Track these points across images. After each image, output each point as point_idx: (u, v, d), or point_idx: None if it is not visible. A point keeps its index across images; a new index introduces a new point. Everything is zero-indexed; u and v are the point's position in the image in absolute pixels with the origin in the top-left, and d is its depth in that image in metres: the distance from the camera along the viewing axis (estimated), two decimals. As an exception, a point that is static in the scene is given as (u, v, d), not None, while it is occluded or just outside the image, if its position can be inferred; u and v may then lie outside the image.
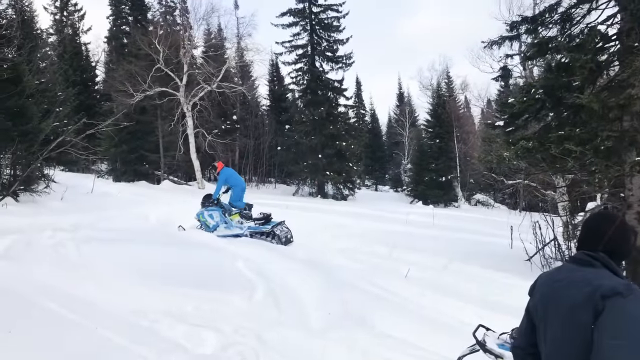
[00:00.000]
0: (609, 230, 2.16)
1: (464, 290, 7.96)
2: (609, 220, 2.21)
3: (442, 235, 15.61)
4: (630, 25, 9.86)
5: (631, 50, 9.36)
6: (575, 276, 2.11)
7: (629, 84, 9.34)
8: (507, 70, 16.71)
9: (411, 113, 50.69)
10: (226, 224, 11.51)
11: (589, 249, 2.17)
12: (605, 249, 2.14)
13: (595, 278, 2.02)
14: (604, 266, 2.09)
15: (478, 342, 4.18)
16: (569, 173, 12.22)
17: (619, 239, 2.16)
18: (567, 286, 2.09)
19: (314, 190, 32.20)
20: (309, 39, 32.20)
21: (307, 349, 4.84)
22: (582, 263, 2.15)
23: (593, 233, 2.20)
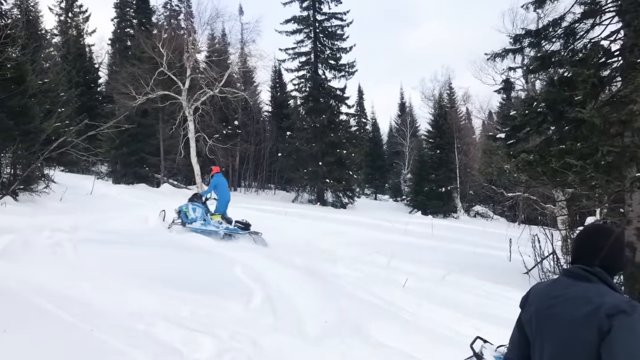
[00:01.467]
0: (605, 245, 2.11)
1: (461, 301, 7.94)
2: (605, 234, 2.17)
3: (441, 246, 15.59)
4: (633, 42, 9.90)
5: (634, 66, 9.40)
6: (573, 292, 2.08)
7: (631, 100, 9.36)
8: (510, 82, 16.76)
9: (412, 123, 50.77)
10: (204, 221, 11.89)
11: (585, 263, 2.13)
12: (602, 263, 2.10)
13: (595, 295, 2.00)
14: (601, 281, 2.06)
15: (475, 354, 4.16)
16: (569, 187, 12.21)
17: (615, 254, 2.12)
18: (565, 302, 2.06)
19: (313, 198, 32.19)
20: (312, 46, 32.30)
21: (302, 356, 4.82)
22: (579, 278, 2.11)
23: (589, 247, 2.15)
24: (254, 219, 14.77)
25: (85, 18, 38.95)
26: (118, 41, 36.85)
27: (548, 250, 11.35)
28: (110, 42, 38.20)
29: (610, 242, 2.12)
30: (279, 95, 40.04)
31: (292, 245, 11.51)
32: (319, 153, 30.71)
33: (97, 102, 33.02)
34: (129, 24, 36.04)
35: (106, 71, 38.03)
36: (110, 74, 35.36)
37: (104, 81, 36.85)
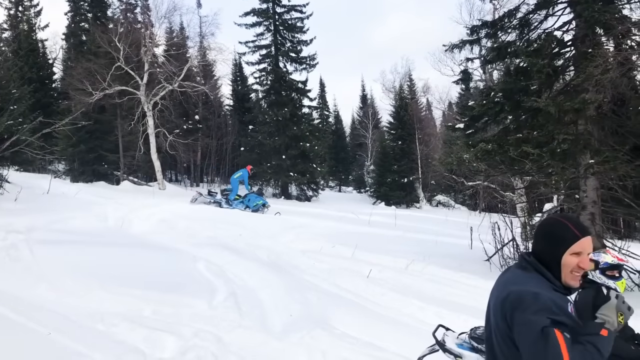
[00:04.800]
0: (536, 234, 2.14)
1: (424, 290, 8.06)
2: (540, 223, 2.20)
3: (404, 236, 15.76)
4: (584, 32, 10.19)
5: (585, 56, 9.65)
6: (503, 278, 2.13)
7: (584, 89, 9.63)
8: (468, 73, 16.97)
9: (374, 115, 51.05)
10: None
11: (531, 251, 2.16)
12: (534, 252, 2.10)
13: (513, 283, 1.98)
14: (535, 270, 2.02)
15: (438, 342, 4.23)
16: (527, 175, 12.50)
17: (538, 242, 2.11)
18: (495, 288, 2.09)
19: (277, 191, 32.09)
20: (272, 39, 32.07)
21: (267, 351, 4.80)
22: (518, 265, 2.13)
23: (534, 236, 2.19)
24: (217, 214, 14.67)
25: (37, 12, 37.61)
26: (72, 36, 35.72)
27: (508, 238, 11.59)
28: (65, 37, 36.99)
29: (536, 231, 2.15)
30: (240, 88, 39.62)
31: (256, 239, 11.44)
32: (282, 146, 30.59)
33: (52, 99, 31.94)
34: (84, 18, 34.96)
35: (61, 67, 36.88)
36: (65, 69, 34.26)
37: (59, 77, 35.72)
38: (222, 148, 35.69)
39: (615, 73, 8.82)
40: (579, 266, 1.96)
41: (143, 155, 27.46)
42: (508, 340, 1.91)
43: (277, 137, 30.83)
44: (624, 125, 9.98)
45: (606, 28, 9.72)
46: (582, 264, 1.96)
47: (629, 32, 9.95)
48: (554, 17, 11.06)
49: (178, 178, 36.44)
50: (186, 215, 14.19)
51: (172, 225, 12.68)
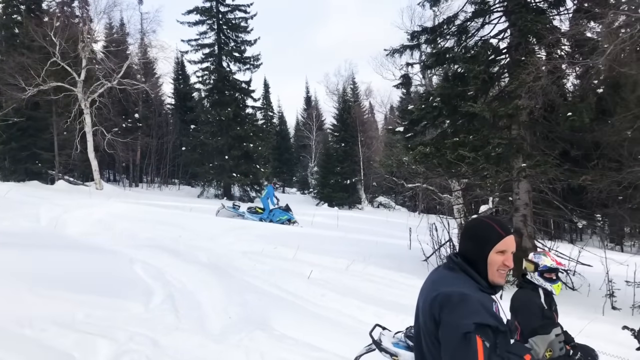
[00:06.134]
0: (463, 235, 2.20)
1: (364, 290, 8.17)
2: (466, 225, 2.28)
3: (346, 237, 15.90)
4: (518, 41, 10.60)
5: (519, 63, 10.05)
6: (431, 277, 2.18)
7: (517, 95, 10.02)
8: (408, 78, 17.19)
9: (318, 117, 51.31)
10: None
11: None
12: (460, 253, 2.16)
13: (442, 283, 2.04)
14: (462, 270, 2.08)
15: (374, 341, 4.29)
16: (463, 177, 12.89)
17: (462, 242, 2.18)
18: (423, 287, 2.15)
19: (220, 192, 31.71)
20: (216, 38, 31.70)
21: (204, 354, 4.74)
22: (445, 265, 2.19)
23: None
24: (157, 216, 14.35)
25: (-36, 2, 35.65)
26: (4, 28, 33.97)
27: (445, 238, 11.90)
28: (-5, 29, 35.21)
29: (462, 232, 2.22)
30: (182, 87, 38.93)
31: (196, 241, 11.27)
32: (225, 147, 30.27)
33: (-20, 94, 30.34)
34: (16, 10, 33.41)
35: (-10, 60, 35.03)
36: (-5, 63, 32.60)
37: (-12, 71, 33.94)
38: (163, 147, 34.93)
39: (546, 80, 9.23)
40: (504, 264, 2.04)
41: (80, 154, 26.53)
42: (435, 340, 1.96)
43: (219, 137, 30.48)
44: (554, 131, 10.46)
45: (538, 37, 10.16)
46: (507, 262, 2.04)
47: (558, 42, 10.44)
48: (491, 25, 11.46)
49: (117, 178, 35.39)
50: (124, 216, 13.80)
51: (109, 226, 12.31)
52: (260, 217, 18.14)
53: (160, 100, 38.35)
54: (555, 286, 4.12)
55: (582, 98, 10.41)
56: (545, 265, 4.11)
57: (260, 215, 18.20)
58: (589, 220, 11.68)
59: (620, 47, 8.15)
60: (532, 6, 10.73)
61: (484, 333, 1.86)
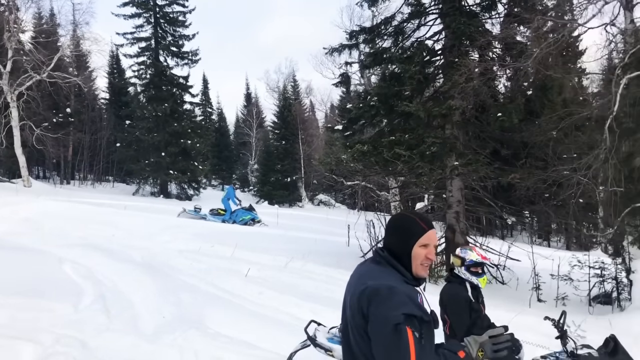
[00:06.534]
0: (387, 229, 2.23)
1: (301, 287, 8.20)
2: (390, 220, 2.30)
3: (286, 234, 15.91)
4: (452, 42, 10.94)
5: (452, 65, 10.36)
6: (358, 271, 2.21)
7: (450, 96, 10.33)
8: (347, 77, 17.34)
9: (259, 114, 50.94)
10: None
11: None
12: (386, 246, 2.20)
13: (369, 277, 2.06)
14: (388, 264, 2.12)
15: (309, 337, 4.33)
16: (400, 175, 13.15)
17: (387, 236, 2.21)
18: (350, 281, 2.18)
19: (156, 190, 30.95)
20: (153, 31, 30.92)
21: (136, 354, 4.62)
22: (372, 259, 2.22)
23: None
24: (89, 214, 13.89)
25: None
26: None
27: (382, 235, 12.09)
28: None
29: (387, 227, 2.25)
30: (117, 81, 37.71)
31: (130, 240, 10.97)
32: (162, 143, 29.59)
33: None
34: None
35: None
36: None
37: None
38: (96, 143, 33.71)
39: (477, 82, 9.56)
40: (427, 257, 2.10)
41: (5, 149, 25.20)
42: (363, 334, 1.98)
43: (156, 134, 29.76)
44: (485, 131, 10.86)
45: (471, 40, 10.50)
46: (429, 255, 2.10)
47: (490, 45, 10.84)
48: (426, 26, 11.77)
49: (47, 175, 33.88)
50: (54, 215, 13.25)
51: (38, 225, 11.79)
52: (222, 218, 17.97)
53: (93, 95, 37.01)
54: (481, 279, 4.29)
55: (512, 99, 10.88)
56: (471, 259, 4.27)
57: (223, 217, 18.03)
58: (518, 217, 12.21)
59: (546, 50, 8.54)
60: (466, 9, 11.09)
61: (412, 324, 1.90)
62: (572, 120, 8.87)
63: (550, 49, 8.62)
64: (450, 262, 4.47)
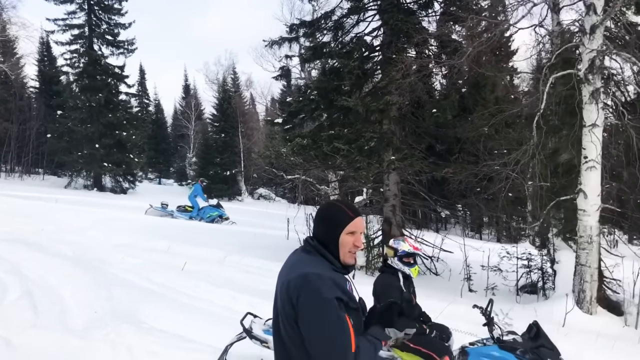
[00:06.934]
0: (316, 218, 2.26)
1: (239, 280, 8.18)
2: (318, 209, 2.33)
3: (225, 228, 15.80)
4: (390, 39, 11.13)
5: (390, 61, 10.55)
6: (289, 260, 2.23)
7: (388, 91, 10.53)
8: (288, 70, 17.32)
9: (197, 106, 49.99)
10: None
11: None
12: (315, 236, 2.21)
13: (299, 266, 2.08)
14: (318, 253, 2.14)
15: (245, 329, 4.34)
16: (339, 169, 13.30)
17: (316, 226, 2.22)
18: (282, 270, 2.19)
19: (89, 183, 29.82)
20: (86, 19, 29.65)
21: (65, 351, 4.47)
22: (302, 248, 2.24)
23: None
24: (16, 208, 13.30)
25: None
26: None
27: (320, 228, 12.18)
28: None
29: (315, 216, 2.29)
30: (48, 70, 36.01)
31: (61, 234, 10.56)
32: (96, 134, 28.51)
33: None
34: None
35: None
36: None
37: None
38: (25, 134, 32.12)
39: (413, 78, 9.79)
40: (354, 245, 2.14)
41: None
42: (293, 323, 1.99)
43: (89, 125, 28.64)
44: (421, 126, 11.14)
45: (408, 37, 10.72)
46: (356, 243, 2.15)
47: (426, 42, 11.10)
48: (365, 22, 11.91)
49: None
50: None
51: (-43, 219, 11.17)
52: (190, 215, 17.76)
53: (21, 83, 35.20)
54: (413, 269, 4.44)
55: (446, 96, 11.21)
56: (403, 250, 4.40)
57: (190, 214, 17.82)
58: (451, 210, 12.60)
59: (478, 49, 8.84)
60: (404, 6, 11.31)
61: (344, 307, 1.96)
62: (503, 117, 9.22)
63: (482, 48, 8.92)
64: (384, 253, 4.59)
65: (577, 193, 8.07)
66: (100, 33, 29.87)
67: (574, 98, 8.13)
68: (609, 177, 8.52)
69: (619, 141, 8.26)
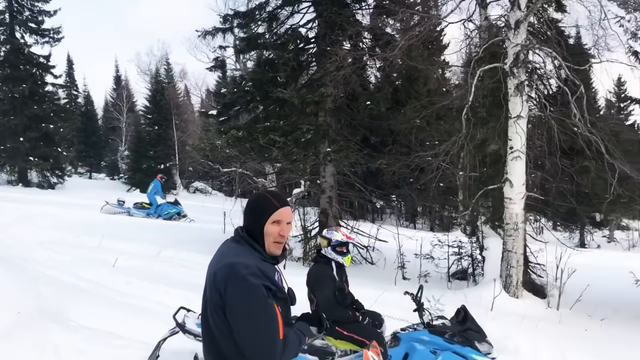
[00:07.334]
0: (245, 209, 2.26)
1: (173, 275, 8.03)
2: (248, 200, 2.32)
3: (159, 223, 15.46)
4: (324, 31, 11.18)
5: (324, 53, 10.61)
6: (220, 250, 2.23)
7: (323, 84, 10.59)
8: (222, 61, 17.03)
9: (129, 98, 48.43)
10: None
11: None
12: (244, 226, 2.23)
13: (228, 255, 2.08)
14: (247, 243, 2.14)
15: (178, 324, 4.27)
16: (276, 161, 13.28)
17: (245, 217, 2.23)
18: (211, 260, 2.19)
19: (14, 178, 28.37)
20: (7, 4, 28.04)
21: (-14, 354, 4.26)
22: (232, 238, 2.24)
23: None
24: None
25: None
26: None
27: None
28: None
29: (245, 206, 2.28)
30: (-35, 58, 33.95)
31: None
32: (20, 127, 27.10)
33: None
34: None
35: None
36: None
37: None
38: (-61, 127, 30.12)
39: (348, 70, 9.89)
40: (280, 234, 2.14)
41: None
42: (222, 313, 1.98)
43: (12, 117, 27.18)
44: (356, 118, 11.30)
45: (342, 29, 10.81)
46: (282, 232, 2.15)
47: (359, 35, 11.23)
48: (300, 14, 11.91)
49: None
50: None
51: None
52: (147, 212, 17.32)
53: None
54: (346, 258, 4.52)
55: (380, 89, 11.41)
56: (337, 240, 4.47)
57: (148, 211, 17.37)
58: (385, 200, 12.88)
59: (410, 42, 9.03)
60: (337, -1, 11.38)
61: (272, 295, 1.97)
62: (434, 109, 9.48)
63: (414, 41, 9.13)
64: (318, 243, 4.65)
65: (504, 182, 8.44)
66: (22, 20, 28.36)
67: (500, 91, 8.48)
68: (533, 166, 8.95)
69: (542, 132, 8.66)
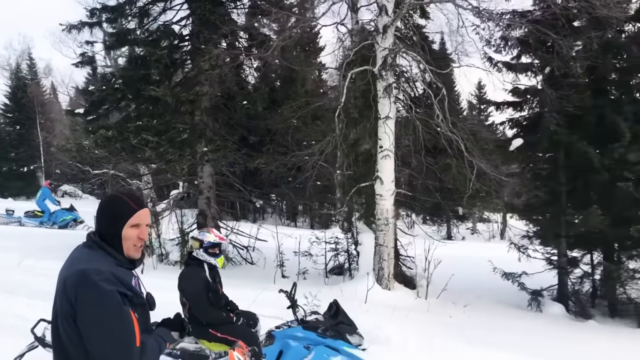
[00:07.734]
0: (98, 212, 2.13)
1: (34, 285, 7.45)
2: (100, 202, 2.19)
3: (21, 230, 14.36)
4: (199, 29, 10.96)
5: (198, 51, 10.40)
6: (70, 256, 2.08)
7: (198, 82, 10.39)
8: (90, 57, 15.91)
9: (-16, 95, 44.26)
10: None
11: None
12: (97, 230, 2.10)
13: (78, 261, 1.97)
14: (100, 248, 2.03)
15: (37, 338, 3.97)
16: (150, 162, 12.80)
17: (98, 221, 2.11)
18: (62, 267, 2.04)
19: None
20: None
21: None
22: (84, 243, 2.10)
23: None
24: None
25: None
26: None
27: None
28: None
29: (97, 209, 2.15)
30: None
31: None
32: None
33: None
34: None
35: None
36: None
37: None
38: None
39: (223, 69, 9.79)
40: (139, 237, 2.06)
41: None
42: (72, 322, 1.87)
43: None
44: (233, 118, 11.21)
45: (216, 27, 10.67)
46: (141, 235, 2.06)
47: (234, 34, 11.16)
48: (173, 11, 11.57)
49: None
50: None
51: None
52: (40, 220, 15.92)
53: None
54: (219, 260, 4.47)
55: (257, 88, 11.43)
56: (209, 241, 4.40)
57: (41, 219, 15.94)
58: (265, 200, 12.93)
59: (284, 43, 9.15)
60: (211, -4, 11.21)
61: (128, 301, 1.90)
62: (309, 109, 9.68)
63: (288, 42, 9.26)
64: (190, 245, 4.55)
65: (375, 179, 8.82)
66: None
67: (370, 92, 8.84)
68: (401, 164, 9.44)
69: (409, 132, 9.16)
